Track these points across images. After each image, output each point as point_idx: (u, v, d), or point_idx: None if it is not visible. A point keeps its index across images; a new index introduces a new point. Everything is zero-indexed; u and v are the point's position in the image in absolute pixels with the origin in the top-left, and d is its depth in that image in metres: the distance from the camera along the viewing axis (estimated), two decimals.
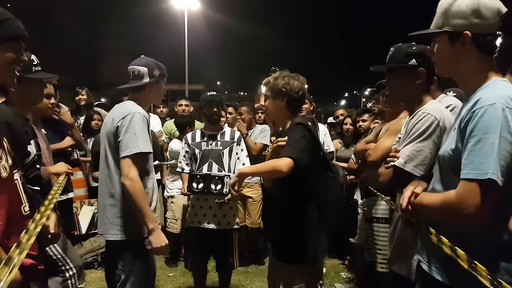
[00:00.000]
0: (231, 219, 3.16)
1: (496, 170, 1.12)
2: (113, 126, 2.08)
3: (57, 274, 2.38)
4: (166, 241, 2.04)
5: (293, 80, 2.14)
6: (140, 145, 2.02)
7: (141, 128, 2.05)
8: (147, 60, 2.28)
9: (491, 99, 1.18)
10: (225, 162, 3.20)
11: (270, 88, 2.17)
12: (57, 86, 2.75)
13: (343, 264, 4.33)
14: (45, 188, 1.97)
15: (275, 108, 2.18)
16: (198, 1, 20.70)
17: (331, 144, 4.26)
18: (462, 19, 1.28)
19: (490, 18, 1.27)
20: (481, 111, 1.18)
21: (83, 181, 4.39)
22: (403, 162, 1.68)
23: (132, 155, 2.00)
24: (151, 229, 2.00)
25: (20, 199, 1.41)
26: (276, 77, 2.16)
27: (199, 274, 3.24)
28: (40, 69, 2.02)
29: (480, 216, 1.16)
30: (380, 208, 2.79)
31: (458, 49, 1.31)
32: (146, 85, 2.22)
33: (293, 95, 2.13)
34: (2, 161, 1.30)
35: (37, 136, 2.28)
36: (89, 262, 4.08)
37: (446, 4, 1.33)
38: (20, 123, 1.86)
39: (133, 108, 2.10)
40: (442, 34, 1.34)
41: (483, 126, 1.16)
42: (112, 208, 2.10)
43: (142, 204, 1.99)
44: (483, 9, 1.26)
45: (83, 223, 4.21)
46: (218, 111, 3.27)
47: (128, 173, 1.99)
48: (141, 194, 2.00)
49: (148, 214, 2.00)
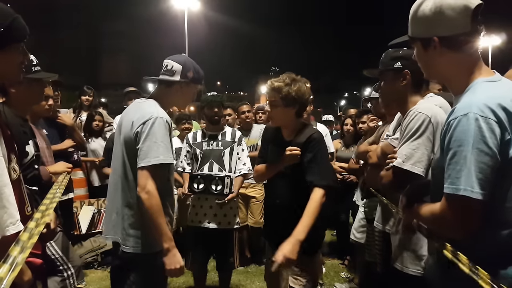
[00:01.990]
0: (232, 219, 3.16)
1: (471, 185, 1.08)
2: (132, 132, 1.90)
3: (56, 273, 2.37)
4: (181, 262, 1.90)
5: (302, 85, 2.13)
6: (161, 155, 1.84)
7: (163, 135, 1.87)
8: (185, 58, 2.12)
9: (465, 108, 1.13)
10: (226, 162, 3.20)
11: (283, 96, 2.10)
12: (60, 83, 2.75)
13: (343, 264, 4.33)
14: (43, 188, 1.97)
15: (286, 115, 2.16)
16: (198, 1, 20.70)
17: (332, 145, 4.26)
18: (428, 23, 1.25)
19: (456, 17, 1.21)
20: (455, 122, 1.13)
21: (83, 181, 4.40)
22: (401, 162, 1.72)
23: (150, 166, 1.82)
24: (166, 249, 1.85)
25: (24, 199, 1.43)
26: (288, 83, 2.11)
27: (199, 274, 3.24)
28: (40, 69, 2.02)
29: (462, 230, 1.14)
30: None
31: (432, 54, 1.28)
32: (175, 83, 2.05)
33: (304, 102, 2.15)
34: (12, 163, 1.32)
35: (36, 136, 2.29)
36: (89, 262, 4.07)
37: (412, 11, 1.31)
38: (18, 124, 1.85)
39: (155, 111, 1.90)
40: (416, 42, 1.32)
41: (457, 138, 1.12)
42: (128, 218, 1.94)
43: (159, 221, 1.82)
44: (446, 10, 1.21)
45: (83, 223, 4.21)
46: (219, 112, 3.28)
47: (145, 185, 1.81)
48: (158, 210, 1.82)
49: (165, 232, 1.83)
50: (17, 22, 1.30)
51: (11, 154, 1.34)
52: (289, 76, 2.15)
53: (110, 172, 2.11)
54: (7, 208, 1.18)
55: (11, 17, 1.28)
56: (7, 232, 1.17)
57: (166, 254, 1.86)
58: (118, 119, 2.24)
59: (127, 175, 1.95)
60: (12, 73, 1.35)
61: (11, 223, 1.18)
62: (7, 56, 1.28)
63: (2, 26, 1.23)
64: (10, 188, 1.20)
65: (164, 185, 1.94)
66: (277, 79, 2.17)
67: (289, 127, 2.23)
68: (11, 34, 1.27)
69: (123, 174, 1.97)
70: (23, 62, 1.36)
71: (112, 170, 2.06)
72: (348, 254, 4.23)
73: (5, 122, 1.40)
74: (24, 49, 1.34)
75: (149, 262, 1.93)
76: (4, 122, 1.38)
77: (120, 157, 1.98)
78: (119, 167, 1.99)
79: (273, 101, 2.16)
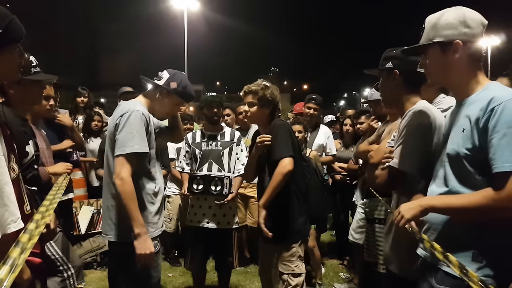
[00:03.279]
0: (231, 219, 3.17)
1: None
2: (112, 125, 2.05)
3: (56, 274, 2.37)
4: (151, 248, 1.96)
5: (275, 90, 2.51)
6: (136, 144, 1.95)
7: (138, 126, 1.98)
8: (178, 73, 2.24)
9: (506, 96, 1.28)
10: (225, 162, 3.21)
11: (260, 97, 2.46)
12: (59, 85, 2.75)
13: (342, 265, 4.34)
14: (43, 188, 1.97)
15: (261, 114, 2.50)
16: (198, 1, 20.70)
17: (334, 147, 4.25)
18: (452, 29, 1.42)
19: (476, 27, 1.41)
20: (500, 108, 1.25)
21: (82, 181, 4.40)
22: (397, 162, 1.72)
23: (125, 154, 1.94)
24: (137, 234, 1.92)
25: (23, 198, 1.44)
26: (263, 88, 2.47)
27: (199, 274, 3.24)
28: (39, 70, 2.02)
29: None
30: (382, 209, 2.79)
31: (450, 58, 1.42)
32: (157, 87, 2.17)
33: (276, 104, 2.52)
34: (11, 162, 1.33)
35: (36, 136, 2.29)
36: (89, 262, 4.07)
37: (434, 19, 1.47)
38: (18, 123, 1.86)
39: (132, 106, 2.04)
40: (434, 46, 1.46)
41: (506, 120, 1.24)
42: (113, 209, 2.06)
43: (130, 206, 1.91)
44: (469, 20, 1.41)
45: (83, 223, 4.21)
46: (218, 112, 3.29)
47: (120, 172, 1.92)
48: (130, 196, 1.92)
49: (136, 218, 1.92)
50: (13, 23, 1.30)
51: (10, 154, 1.35)
52: (263, 81, 2.54)
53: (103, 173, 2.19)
54: (7, 206, 1.18)
55: (8, 18, 1.28)
56: (8, 230, 1.17)
57: (136, 238, 1.93)
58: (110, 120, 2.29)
59: (109, 167, 2.07)
60: (11, 73, 1.36)
61: (12, 221, 1.19)
62: (5, 57, 1.29)
63: (0, 27, 1.24)
64: (10, 186, 1.21)
65: (146, 175, 2.08)
66: (253, 84, 2.51)
67: (265, 125, 2.52)
68: (8, 35, 1.27)
69: (107, 167, 2.10)
70: (20, 63, 1.37)
71: (104, 168, 2.17)
72: (348, 255, 4.24)
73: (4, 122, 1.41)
74: (21, 49, 1.35)
75: (126, 251, 1.99)
76: (4, 122, 1.39)
77: (106, 153, 2.12)
78: (105, 161, 2.12)
79: (250, 102, 2.48)
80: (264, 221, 2.30)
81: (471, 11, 1.43)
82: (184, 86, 2.20)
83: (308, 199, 2.45)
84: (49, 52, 37.82)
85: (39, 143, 2.26)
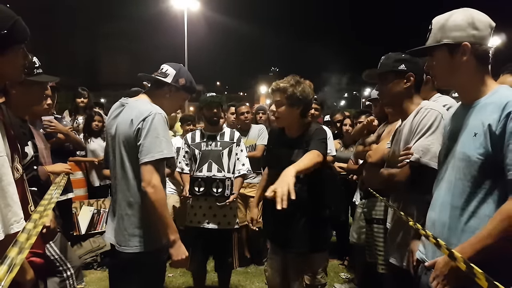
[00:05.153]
0: (231, 219, 3.16)
1: None
2: (132, 129, 1.89)
3: (55, 274, 2.37)
4: (186, 253, 1.94)
5: (306, 87, 2.25)
6: (164, 149, 1.87)
7: (164, 130, 1.89)
8: (181, 67, 2.16)
9: None
10: (224, 163, 3.20)
11: (288, 96, 2.22)
12: (55, 87, 2.73)
13: (342, 265, 4.33)
14: (42, 188, 1.97)
15: (291, 114, 2.26)
16: (198, 2, 20.68)
17: (334, 148, 4.25)
18: (460, 31, 1.40)
19: (484, 30, 1.39)
20: None
21: (82, 181, 4.40)
22: (418, 157, 1.73)
23: (154, 160, 1.85)
24: (172, 241, 1.88)
25: (27, 198, 1.45)
26: (293, 84, 2.22)
27: (199, 274, 3.24)
28: (42, 71, 2.02)
29: None
30: (381, 209, 2.79)
31: (458, 60, 1.40)
32: (165, 85, 2.08)
33: (308, 102, 2.27)
34: (15, 163, 1.34)
35: (35, 136, 2.29)
36: (89, 263, 4.07)
37: (442, 20, 1.44)
38: (18, 124, 1.86)
39: (152, 108, 1.92)
40: (441, 48, 1.44)
41: None
42: (129, 218, 1.95)
43: (164, 214, 1.86)
44: (477, 22, 1.39)
45: (83, 223, 4.21)
46: (218, 112, 3.27)
47: (151, 179, 1.83)
48: (164, 203, 1.87)
49: (170, 224, 1.88)
50: (18, 24, 1.30)
51: (14, 154, 1.35)
52: (294, 77, 2.26)
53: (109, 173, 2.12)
54: (11, 207, 1.19)
55: (13, 19, 1.29)
56: (11, 230, 1.18)
57: (172, 245, 1.90)
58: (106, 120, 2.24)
59: (126, 175, 1.95)
60: (14, 74, 1.36)
61: (15, 221, 1.20)
62: (9, 58, 1.29)
63: (4, 28, 1.24)
64: (14, 186, 1.22)
65: (163, 179, 1.99)
66: (282, 81, 2.27)
67: (294, 127, 2.33)
68: (13, 36, 1.28)
69: (122, 174, 1.97)
70: (24, 64, 1.38)
71: (116, 174, 2.02)
72: (348, 255, 4.23)
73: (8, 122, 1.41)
74: (25, 50, 1.36)
75: (153, 260, 1.97)
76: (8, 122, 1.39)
77: (119, 158, 1.97)
78: (119, 168, 1.98)
79: (278, 101, 2.26)
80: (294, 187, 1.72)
81: (479, 12, 1.42)
82: (190, 80, 2.16)
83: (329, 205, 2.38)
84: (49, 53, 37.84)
85: (37, 143, 2.26)
